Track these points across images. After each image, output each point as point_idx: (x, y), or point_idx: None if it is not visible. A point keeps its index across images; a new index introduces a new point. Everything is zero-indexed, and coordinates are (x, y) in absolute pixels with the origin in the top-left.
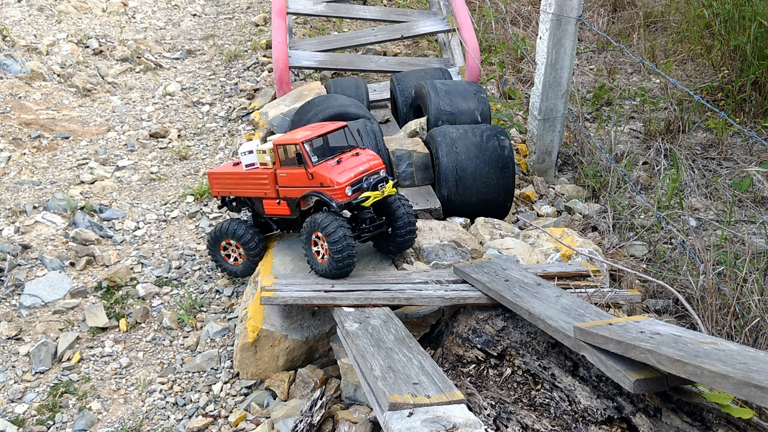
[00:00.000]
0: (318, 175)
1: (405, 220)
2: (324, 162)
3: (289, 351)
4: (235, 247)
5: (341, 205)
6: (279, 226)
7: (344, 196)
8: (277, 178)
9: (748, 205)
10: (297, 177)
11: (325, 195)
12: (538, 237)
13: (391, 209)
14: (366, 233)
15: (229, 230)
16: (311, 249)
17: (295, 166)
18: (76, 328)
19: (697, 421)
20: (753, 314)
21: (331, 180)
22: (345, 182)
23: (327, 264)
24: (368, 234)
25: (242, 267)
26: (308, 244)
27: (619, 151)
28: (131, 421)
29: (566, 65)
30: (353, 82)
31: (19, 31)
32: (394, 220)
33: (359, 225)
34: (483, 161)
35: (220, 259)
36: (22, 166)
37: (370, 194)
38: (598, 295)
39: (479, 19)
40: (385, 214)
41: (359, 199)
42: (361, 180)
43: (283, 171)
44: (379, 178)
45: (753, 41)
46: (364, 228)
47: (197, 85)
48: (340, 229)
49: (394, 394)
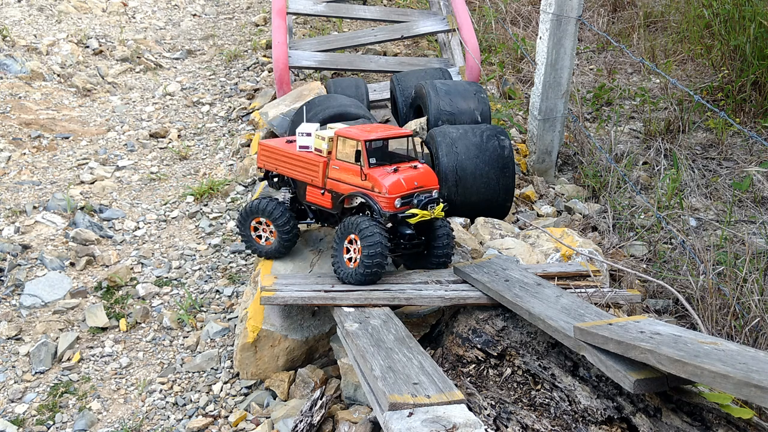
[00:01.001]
0: (372, 177)
1: (444, 241)
2: (381, 167)
3: (289, 351)
4: (266, 225)
5: (386, 214)
6: (315, 217)
7: (392, 206)
8: (328, 169)
9: (748, 205)
10: (349, 173)
11: (372, 200)
12: (538, 237)
13: (432, 228)
14: (401, 249)
15: (261, 207)
16: (342, 254)
17: (351, 163)
18: (76, 328)
19: (697, 421)
20: (753, 314)
21: (383, 186)
22: (396, 193)
23: (355, 268)
24: (403, 251)
25: (272, 248)
26: (340, 247)
27: (619, 151)
28: (131, 421)
29: (566, 65)
30: (353, 82)
31: (19, 31)
32: (432, 240)
33: (396, 240)
34: (483, 161)
35: (250, 238)
36: (22, 166)
37: (418, 212)
38: (598, 295)
39: (479, 19)
40: (425, 233)
41: (406, 214)
42: (413, 195)
43: (337, 164)
44: (430, 198)
45: (753, 41)
46: (400, 244)
47: (197, 85)
48: (378, 234)
49: (394, 394)
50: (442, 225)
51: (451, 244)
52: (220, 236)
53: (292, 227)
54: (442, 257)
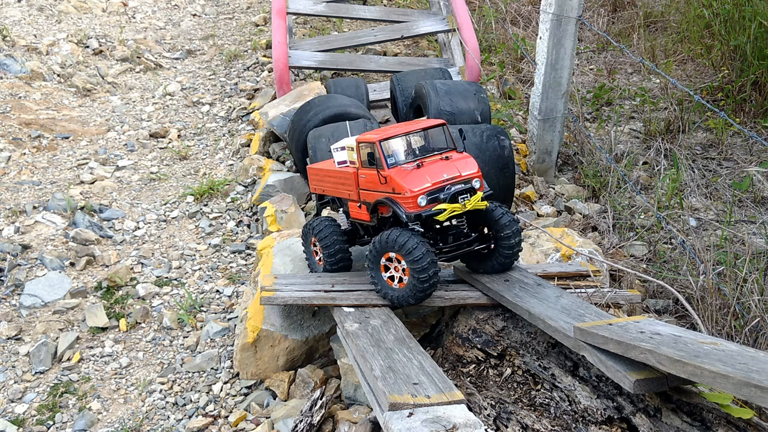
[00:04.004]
0: (391, 179)
1: (512, 229)
2: (400, 165)
3: (289, 351)
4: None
5: (411, 216)
6: (367, 233)
7: (416, 205)
8: (358, 180)
9: (748, 205)
10: (373, 179)
11: (395, 203)
12: (538, 237)
13: (493, 219)
14: (445, 253)
15: (312, 226)
16: (381, 272)
17: (371, 168)
18: (76, 328)
19: (697, 421)
20: (753, 314)
21: (402, 186)
22: (419, 190)
23: (408, 287)
24: (450, 254)
25: (322, 269)
26: (377, 267)
27: (619, 151)
28: (131, 421)
29: (566, 65)
30: (353, 82)
31: (19, 31)
32: (498, 231)
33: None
34: (483, 161)
35: (309, 254)
36: (22, 166)
37: (446, 206)
38: (598, 295)
39: (479, 19)
40: (486, 226)
41: (432, 211)
42: (442, 189)
43: (364, 172)
44: (462, 188)
45: (753, 41)
46: (442, 248)
47: (197, 85)
48: (421, 245)
49: (394, 394)
50: (504, 213)
51: (520, 230)
52: (220, 236)
53: (338, 250)
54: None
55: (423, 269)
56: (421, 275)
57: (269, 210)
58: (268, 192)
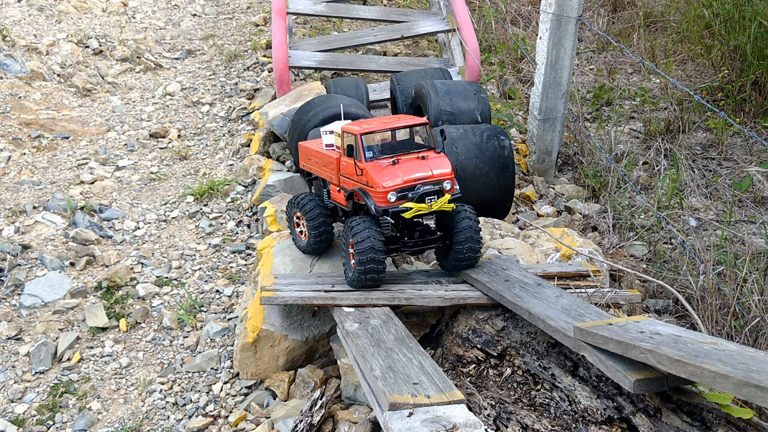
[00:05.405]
0: (366, 172)
1: (466, 235)
2: (377, 160)
3: (289, 351)
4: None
5: (380, 210)
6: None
7: (386, 201)
8: (339, 166)
9: (748, 205)
10: (352, 169)
11: (367, 195)
12: (538, 237)
13: (453, 221)
14: (409, 247)
15: (297, 201)
16: (349, 258)
17: (350, 158)
18: (76, 328)
19: (697, 421)
20: (753, 314)
21: (375, 181)
22: (390, 187)
23: (352, 272)
24: (413, 248)
25: (305, 243)
26: (346, 250)
27: (619, 151)
28: (131, 421)
29: (566, 65)
30: (353, 82)
31: (19, 31)
32: (453, 234)
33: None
34: (483, 161)
35: (293, 229)
36: (22, 166)
37: (413, 205)
38: (598, 295)
39: (479, 19)
40: (447, 227)
41: (399, 208)
42: (413, 188)
43: (344, 160)
44: (431, 189)
45: (753, 41)
46: (406, 242)
47: (197, 85)
48: (369, 239)
49: (394, 394)
50: (465, 217)
51: (476, 238)
52: (220, 236)
53: (321, 224)
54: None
55: (362, 261)
56: (359, 267)
57: (269, 210)
58: (268, 192)
